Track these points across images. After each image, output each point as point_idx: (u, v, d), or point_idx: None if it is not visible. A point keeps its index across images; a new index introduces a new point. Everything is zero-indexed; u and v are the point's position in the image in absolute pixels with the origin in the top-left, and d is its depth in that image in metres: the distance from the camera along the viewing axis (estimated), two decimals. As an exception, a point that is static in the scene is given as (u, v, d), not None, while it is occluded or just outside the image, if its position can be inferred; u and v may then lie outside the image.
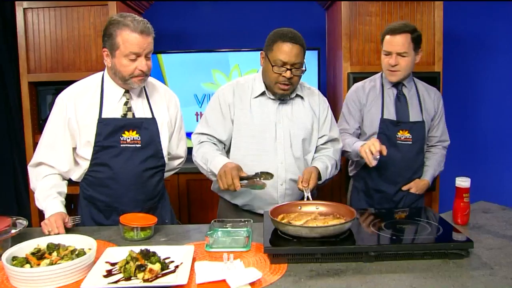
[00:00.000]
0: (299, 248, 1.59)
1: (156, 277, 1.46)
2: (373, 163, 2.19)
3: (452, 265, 1.55)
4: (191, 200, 3.62)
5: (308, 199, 1.99)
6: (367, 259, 1.58)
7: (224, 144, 2.21)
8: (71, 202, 2.62)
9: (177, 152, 2.30)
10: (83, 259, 1.49)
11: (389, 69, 2.43)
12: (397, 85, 2.52)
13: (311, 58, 3.59)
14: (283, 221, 1.74)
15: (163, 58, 3.69)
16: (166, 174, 2.32)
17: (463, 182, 1.93)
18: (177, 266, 1.54)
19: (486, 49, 3.97)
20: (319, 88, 3.61)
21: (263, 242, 1.65)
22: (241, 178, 1.89)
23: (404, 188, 2.54)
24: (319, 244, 1.59)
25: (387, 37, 2.40)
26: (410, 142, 2.47)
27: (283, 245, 1.62)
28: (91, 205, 2.14)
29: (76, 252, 1.58)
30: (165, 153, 2.17)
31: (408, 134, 2.46)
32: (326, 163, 2.20)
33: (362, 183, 2.62)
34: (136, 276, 1.46)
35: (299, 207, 1.92)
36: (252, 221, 1.91)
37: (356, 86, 2.64)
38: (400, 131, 2.46)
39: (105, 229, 1.99)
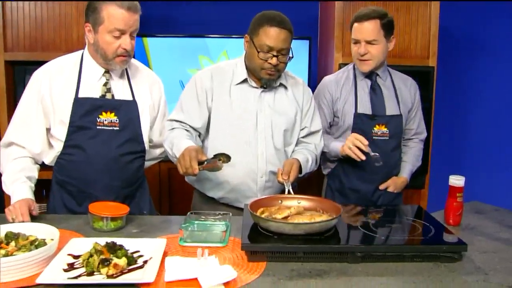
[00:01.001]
0: (280, 245, 1.46)
1: (122, 273, 1.33)
2: (363, 157, 2.09)
3: (443, 269, 1.44)
4: (172, 191, 3.48)
5: (289, 192, 1.87)
6: (352, 260, 1.46)
7: (199, 132, 2.06)
8: (43, 188, 2.47)
9: (159, 139, 2.16)
10: (41, 251, 1.36)
11: (359, 58, 2.26)
12: (371, 76, 2.34)
13: (302, 48, 3.47)
14: (263, 215, 1.62)
15: (149, 41, 3.54)
16: (147, 164, 2.19)
17: (457, 180, 1.82)
18: (146, 261, 1.41)
19: (482, 46, 3.87)
20: (309, 79, 3.49)
21: (241, 237, 1.52)
22: (201, 162, 1.74)
23: (382, 186, 2.37)
24: (302, 242, 1.47)
25: (355, 24, 2.23)
26: (387, 137, 2.30)
27: (262, 242, 1.49)
28: (63, 190, 2.00)
29: (36, 243, 1.45)
30: (145, 138, 2.04)
31: (385, 129, 2.30)
32: (306, 156, 2.07)
33: (337, 182, 2.42)
34: (100, 271, 1.32)
35: (280, 201, 1.79)
36: (231, 214, 1.79)
37: (328, 78, 2.46)
38: (377, 126, 2.29)
39: (75, 218, 1.85)
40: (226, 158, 1.78)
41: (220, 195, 2.07)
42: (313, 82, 3.57)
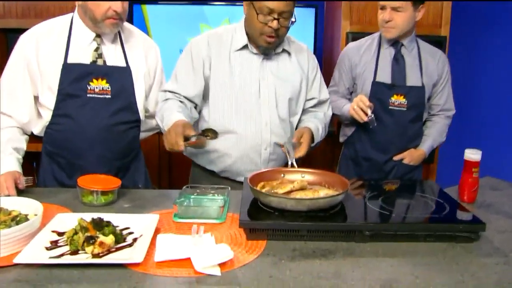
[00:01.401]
0: (281, 222, 1.35)
1: (109, 252, 1.23)
2: (365, 118, 2.06)
3: (459, 249, 1.32)
4: (172, 164, 3.35)
5: (292, 165, 1.75)
6: (360, 239, 1.35)
7: (195, 103, 1.91)
8: (34, 161, 2.36)
9: (156, 109, 2.02)
10: (22, 228, 1.25)
11: (383, 26, 2.17)
12: (396, 45, 2.26)
13: (308, 16, 3.29)
14: (264, 190, 1.51)
15: (148, 9, 3.37)
16: (143, 135, 2.06)
17: (473, 154, 1.69)
18: (135, 239, 1.30)
19: (496, 15, 3.68)
20: (314, 48, 3.33)
21: (239, 214, 1.41)
22: (188, 138, 1.61)
23: (396, 158, 2.31)
24: (305, 219, 1.35)
25: None
26: (405, 108, 2.23)
27: (262, 219, 1.38)
28: (53, 162, 1.89)
29: (18, 219, 1.34)
30: (140, 107, 1.91)
31: (404, 100, 2.22)
32: (317, 125, 1.96)
33: (352, 150, 2.40)
34: (85, 250, 1.22)
35: (282, 175, 1.67)
36: (229, 188, 1.67)
37: (350, 45, 2.40)
38: (395, 96, 2.22)
39: (64, 192, 1.74)
40: (213, 134, 1.67)
41: (220, 168, 1.94)
42: (319, 52, 3.41)
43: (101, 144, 1.83)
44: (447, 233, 1.35)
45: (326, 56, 3.48)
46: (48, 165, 1.90)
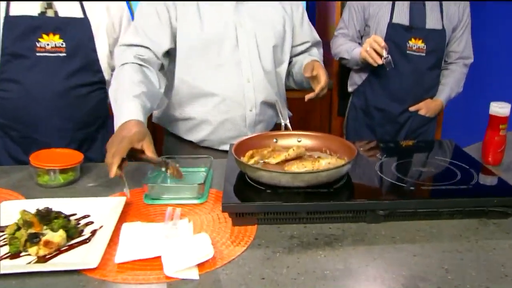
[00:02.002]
0: (275, 204, 1.09)
1: (59, 252, 0.97)
2: (379, 60, 1.86)
3: (493, 228, 1.08)
4: (150, 131, 3.03)
5: (286, 128, 1.49)
6: (372, 219, 1.10)
7: (161, 62, 1.55)
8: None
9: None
10: None
11: None
12: None
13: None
14: (252, 161, 1.25)
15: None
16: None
17: (500, 108, 1.42)
18: (94, 232, 1.05)
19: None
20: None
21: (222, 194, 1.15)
22: (132, 157, 1.22)
23: (412, 108, 2.13)
24: (305, 198, 1.10)
25: None
26: (423, 54, 2.02)
27: (251, 199, 1.12)
28: (6, 136, 1.62)
29: None
30: (103, 65, 1.63)
31: (422, 44, 2.01)
32: (321, 59, 1.73)
33: (362, 99, 2.21)
34: (27, 251, 0.96)
35: (275, 140, 1.41)
36: (212, 158, 1.40)
37: None
38: (413, 39, 2.01)
39: (18, 170, 1.46)
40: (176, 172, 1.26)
41: (199, 138, 1.65)
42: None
43: (58, 112, 1.55)
44: (478, 209, 1.10)
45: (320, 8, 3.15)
46: (1, 139, 1.62)
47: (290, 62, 1.73)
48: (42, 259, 0.94)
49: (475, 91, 3.09)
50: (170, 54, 1.57)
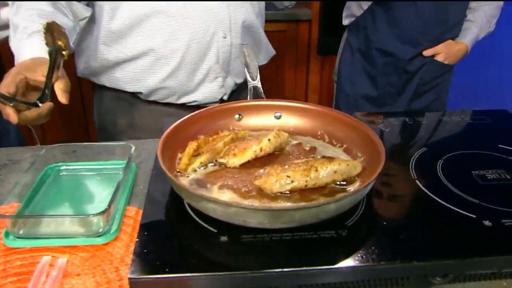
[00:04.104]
0: (232, 274, 0.55)
1: None
2: None
3: None
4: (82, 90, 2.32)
5: (256, 93, 0.94)
6: (418, 286, 0.58)
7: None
8: None
9: None
10: None
11: None
12: None
13: None
14: (197, 163, 0.72)
15: None
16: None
17: None
18: None
19: None
20: None
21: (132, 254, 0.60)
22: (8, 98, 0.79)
23: (428, 52, 1.59)
24: (293, 256, 0.56)
25: None
26: None
27: (183, 264, 0.57)
28: None
29: None
30: None
31: None
32: None
33: (362, 37, 1.67)
34: None
35: (237, 115, 0.86)
36: (133, 148, 0.82)
37: None
38: None
39: None
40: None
41: (149, 87, 1.12)
42: None
43: None
44: None
45: None
46: None
47: None
48: None
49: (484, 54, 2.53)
50: None
